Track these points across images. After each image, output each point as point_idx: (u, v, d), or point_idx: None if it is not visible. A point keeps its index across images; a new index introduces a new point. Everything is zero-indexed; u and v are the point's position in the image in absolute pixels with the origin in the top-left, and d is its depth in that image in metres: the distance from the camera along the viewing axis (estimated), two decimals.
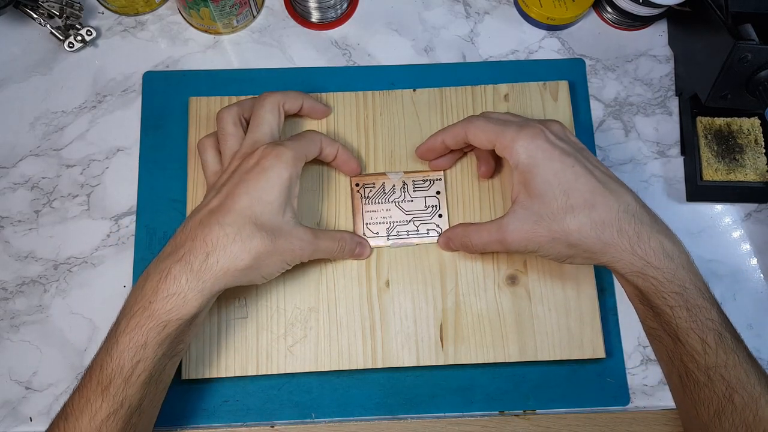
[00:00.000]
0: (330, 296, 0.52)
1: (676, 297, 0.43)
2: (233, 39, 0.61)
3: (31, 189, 0.56)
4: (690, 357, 0.42)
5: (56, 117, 0.58)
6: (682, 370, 0.43)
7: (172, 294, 0.41)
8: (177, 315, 0.41)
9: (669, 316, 0.43)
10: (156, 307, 0.41)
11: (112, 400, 0.40)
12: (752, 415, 0.40)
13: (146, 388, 0.41)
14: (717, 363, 0.41)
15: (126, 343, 0.40)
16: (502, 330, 0.52)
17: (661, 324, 0.44)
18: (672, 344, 0.43)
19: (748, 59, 0.50)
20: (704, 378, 0.42)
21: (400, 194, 0.55)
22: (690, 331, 0.42)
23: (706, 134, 0.58)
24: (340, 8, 0.61)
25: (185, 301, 0.41)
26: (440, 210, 0.54)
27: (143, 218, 0.55)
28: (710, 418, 0.42)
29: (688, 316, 0.42)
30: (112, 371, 0.40)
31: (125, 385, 0.40)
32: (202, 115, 0.56)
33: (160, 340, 0.41)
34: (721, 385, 0.41)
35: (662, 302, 0.43)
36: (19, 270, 0.54)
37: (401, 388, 0.52)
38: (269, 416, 0.51)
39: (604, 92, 0.61)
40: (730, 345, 0.42)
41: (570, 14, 0.60)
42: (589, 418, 0.52)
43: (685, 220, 0.58)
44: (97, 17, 0.61)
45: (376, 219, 0.54)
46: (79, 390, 0.41)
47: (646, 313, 0.45)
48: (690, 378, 0.43)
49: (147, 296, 0.41)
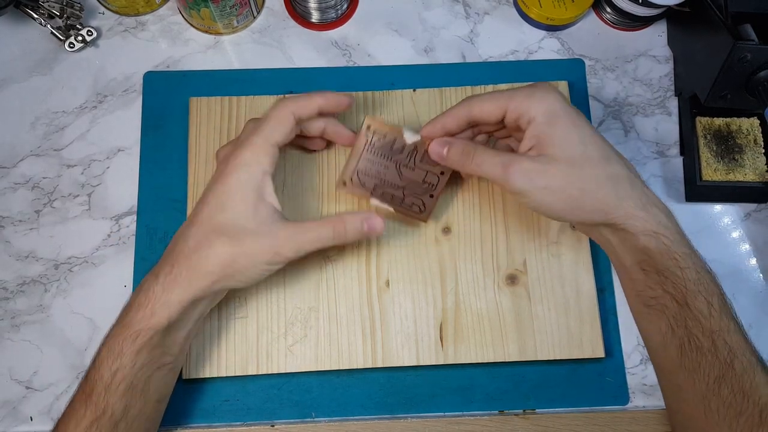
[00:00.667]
0: (330, 296, 0.53)
1: (686, 258, 0.43)
2: (233, 39, 0.61)
3: (32, 189, 0.56)
4: (696, 321, 0.42)
5: (57, 117, 0.58)
6: (685, 337, 0.42)
7: (141, 305, 0.43)
8: (147, 325, 0.42)
9: (678, 278, 0.43)
10: (129, 317, 0.43)
11: (94, 407, 0.41)
12: (749, 382, 0.41)
13: (129, 397, 0.42)
14: (721, 327, 0.42)
15: (105, 352, 0.42)
16: (501, 329, 0.52)
17: (666, 289, 0.43)
18: (677, 309, 0.43)
19: (747, 59, 0.51)
20: (708, 343, 0.42)
21: (406, 158, 0.51)
22: (698, 294, 0.42)
23: (706, 134, 0.58)
24: (340, 8, 0.61)
25: (153, 312, 0.42)
26: (435, 190, 0.52)
27: (144, 218, 0.55)
28: (709, 387, 0.41)
29: (697, 278, 0.42)
30: (94, 379, 0.42)
31: (106, 392, 0.41)
32: (202, 115, 0.56)
33: (136, 350, 0.42)
34: (723, 350, 0.41)
35: (673, 263, 0.43)
36: (20, 270, 0.55)
37: (401, 387, 0.52)
38: (269, 416, 0.52)
39: (603, 92, 0.61)
40: (730, 309, 0.43)
41: (569, 15, 0.60)
42: (588, 417, 0.52)
43: (685, 220, 0.57)
44: (97, 17, 0.61)
45: (370, 170, 0.51)
46: (70, 401, 0.43)
47: (647, 282, 0.44)
48: (693, 344, 0.42)
49: (125, 308, 0.44)
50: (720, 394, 0.41)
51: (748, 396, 0.40)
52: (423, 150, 0.51)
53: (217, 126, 0.56)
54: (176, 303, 0.43)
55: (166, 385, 0.46)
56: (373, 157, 0.51)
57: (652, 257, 0.43)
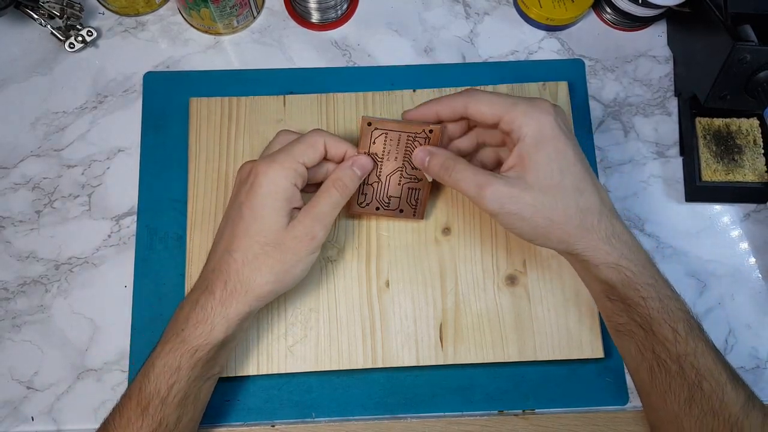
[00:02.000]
0: (330, 296, 0.53)
1: (648, 288, 0.44)
2: (233, 39, 0.61)
3: (32, 189, 0.57)
4: (662, 346, 0.43)
5: (57, 117, 0.58)
6: (654, 361, 0.44)
7: (200, 321, 0.44)
8: (206, 340, 0.44)
9: (642, 307, 0.44)
10: (187, 333, 0.44)
11: (151, 420, 0.43)
12: (719, 402, 0.42)
13: (182, 408, 0.44)
14: (687, 351, 0.43)
15: (162, 367, 0.44)
16: (501, 330, 0.52)
17: (632, 317, 0.44)
18: (643, 336, 0.44)
19: (747, 60, 0.51)
20: (676, 367, 0.43)
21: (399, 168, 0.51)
22: (662, 321, 0.43)
23: (705, 135, 0.58)
24: (340, 9, 0.61)
25: (212, 327, 0.44)
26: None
27: (144, 218, 0.55)
28: (680, 407, 0.43)
29: (660, 306, 0.44)
30: (150, 393, 0.43)
31: (162, 405, 0.43)
32: (202, 116, 0.56)
33: (192, 364, 0.44)
34: (691, 373, 0.42)
35: (635, 294, 0.44)
36: (21, 270, 0.55)
37: (401, 387, 0.52)
38: (270, 416, 0.52)
39: (603, 93, 0.61)
40: (698, 333, 0.44)
41: (569, 15, 0.60)
42: (587, 417, 0.53)
43: (684, 220, 0.58)
44: (97, 18, 0.61)
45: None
46: (120, 411, 0.44)
47: (614, 309, 0.46)
48: (662, 368, 0.43)
49: (180, 324, 0.45)
50: (691, 413, 0.42)
51: (717, 415, 0.42)
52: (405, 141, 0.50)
53: (217, 126, 0.56)
54: (234, 316, 0.44)
55: (210, 393, 0.48)
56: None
57: (615, 288, 0.45)
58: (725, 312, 0.56)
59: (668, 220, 0.58)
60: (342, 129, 0.57)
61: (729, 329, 0.55)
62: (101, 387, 0.52)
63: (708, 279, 0.56)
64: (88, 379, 0.52)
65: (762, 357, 0.55)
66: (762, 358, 0.55)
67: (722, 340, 0.55)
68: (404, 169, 0.51)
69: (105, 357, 0.53)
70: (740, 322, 0.55)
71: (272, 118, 0.57)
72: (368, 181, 0.51)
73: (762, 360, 0.55)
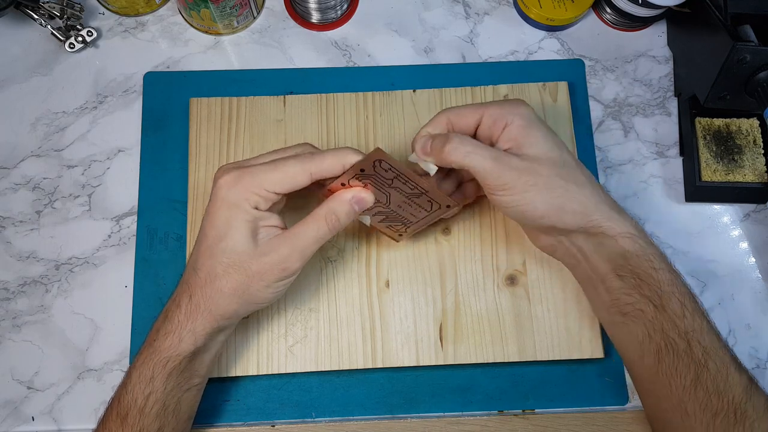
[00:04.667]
0: (330, 296, 0.53)
1: (660, 260, 0.44)
2: (233, 40, 0.61)
3: (33, 189, 0.57)
4: (671, 323, 0.43)
5: (57, 118, 0.58)
6: (662, 341, 0.43)
7: (168, 332, 0.44)
8: (175, 352, 0.43)
9: (654, 279, 0.43)
10: (158, 344, 0.44)
11: (131, 430, 0.43)
12: (723, 382, 0.41)
13: (162, 418, 0.44)
14: (694, 327, 0.42)
15: (137, 377, 0.43)
16: (501, 330, 0.52)
17: (642, 293, 0.43)
18: (653, 313, 0.43)
19: (746, 60, 0.51)
20: (684, 344, 0.42)
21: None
22: (672, 295, 0.43)
23: (705, 135, 0.58)
24: (340, 9, 0.61)
25: (180, 339, 0.43)
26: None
27: (144, 219, 0.55)
28: (686, 389, 0.42)
29: (671, 278, 0.43)
30: (128, 403, 0.43)
31: (140, 416, 0.43)
32: (202, 116, 0.57)
33: (166, 374, 0.43)
34: (698, 351, 0.42)
35: (648, 264, 0.43)
36: (21, 270, 0.55)
37: (401, 387, 0.52)
38: (270, 416, 0.52)
39: (603, 93, 0.61)
40: (703, 310, 0.43)
41: (569, 15, 0.60)
42: (587, 417, 0.53)
43: (684, 220, 0.58)
44: (97, 18, 0.62)
45: None
46: (103, 422, 0.44)
47: (623, 288, 0.44)
48: (669, 348, 0.43)
49: (152, 334, 0.45)
50: (696, 396, 0.42)
51: (722, 395, 0.41)
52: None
53: (217, 126, 0.56)
54: (201, 331, 0.44)
55: (194, 404, 0.47)
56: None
57: (629, 260, 0.44)
58: (725, 312, 0.56)
59: (668, 220, 0.58)
60: (342, 129, 0.57)
61: (729, 329, 0.55)
62: (101, 387, 0.52)
63: (708, 279, 0.56)
64: (88, 379, 0.53)
65: (762, 357, 0.55)
66: (762, 358, 0.55)
67: None
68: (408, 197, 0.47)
69: (105, 357, 0.53)
70: (740, 322, 0.55)
71: (272, 119, 0.57)
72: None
73: (762, 360, 0.55)
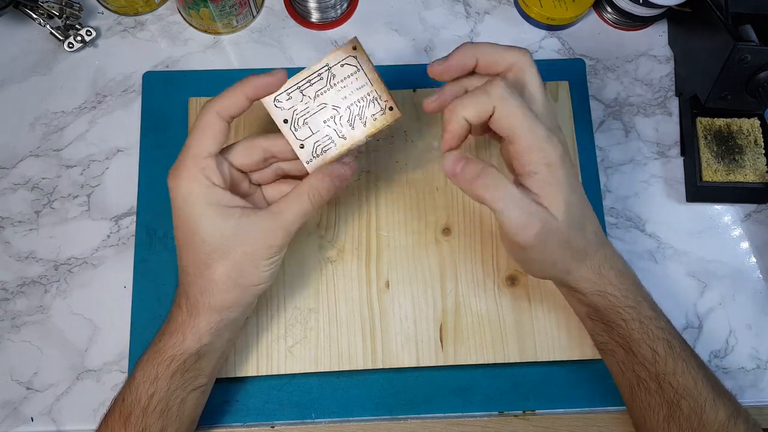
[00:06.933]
0: (330, 297, 0.53)
1: (630, 311, 0.44)
2: (233, 39, 0.61)
3: (32, 189, 0.56)
4: (641, 366, 0.44)
5: (56, 117, 0.58)
6: (634, 379, 0.45)
7: (172, 332, 0.44)
8: (179, 350, 0.43)
9: (623, 328, 0.44)
10: (162, 344, 0.44)
11: (133, 430, 0.42)
12: (697, 420, 0.42)
13: (165, 418, 0.43)
14: (666, 370, 0.43)
15: (141, 376, 0.43)
16: (501, 331, 0.52)
17: (612, 337, 0.45)
18: (624, 355, 0.45)
19: (747, 60, 0.50)
20: (655, 385, 0.44)
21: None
22: (641, 342, 0.44)
23: (706, 135, 0.58)
24: (340, 8, 0.61)
25: (184, 338, 0.43)
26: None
27: (143, 219, 0.55)
28: (659, 424, 0.44)
29: (640, 328, 0.44)
30: (131, 402, 0.43)
31: (143, 415, 0.43)
32: None
33: (170, 374, 0.43)
34: (669, 392, 0.43)
35: (616, 316, 0.44)
36: (20, 270, 0.55)
37: (401, 388, 0.52)
38: (269, 417, 0.52)
39: (604, 92, 0.61)
40: (678, 353, 0.44)
41: (570, 14, 0.60)
42: (588, 418, 0.52)
43: (685, 220, 0.58)
44: (96, 17, 0.61)
45: None
46: (105, 421, 0.44)
47: (595, 328, 0.46)
48: (641, 386, 0.44)
49: (157, 336, 0.45)
50: (670, 430, 0.43)
51: None
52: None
53: None
54: (205, 327, 0.44)
55: (198, 406, 0.47)
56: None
57: (599, 311, 0.45)
58: (726, 312, 0.56)
59: (669, 221, 0.58)
60: None
61: (730, 329, 0.55)
62: (101, 387, 0.52)
63: (709, 279, 0.56)
64: (87, 380, 0.52)
65: (762, 357, 0.55)
66: (762, 358, 0.55)
67: (723, 341, 0.55)
68: None
69: (104, 357, 0.53)
70: (741, 322, 0.55)
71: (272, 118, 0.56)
72: None
73: (762, 360, 0.55)
